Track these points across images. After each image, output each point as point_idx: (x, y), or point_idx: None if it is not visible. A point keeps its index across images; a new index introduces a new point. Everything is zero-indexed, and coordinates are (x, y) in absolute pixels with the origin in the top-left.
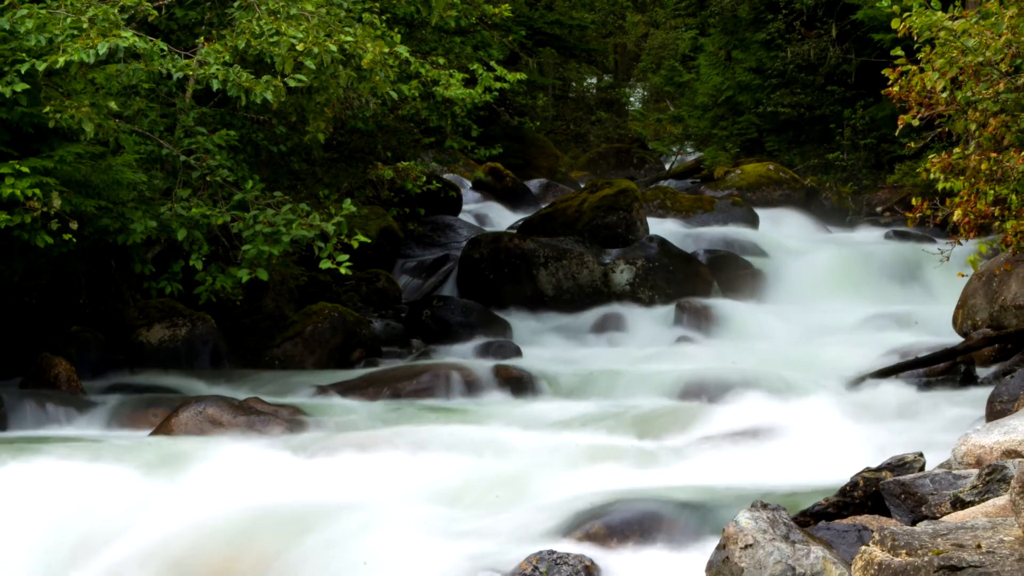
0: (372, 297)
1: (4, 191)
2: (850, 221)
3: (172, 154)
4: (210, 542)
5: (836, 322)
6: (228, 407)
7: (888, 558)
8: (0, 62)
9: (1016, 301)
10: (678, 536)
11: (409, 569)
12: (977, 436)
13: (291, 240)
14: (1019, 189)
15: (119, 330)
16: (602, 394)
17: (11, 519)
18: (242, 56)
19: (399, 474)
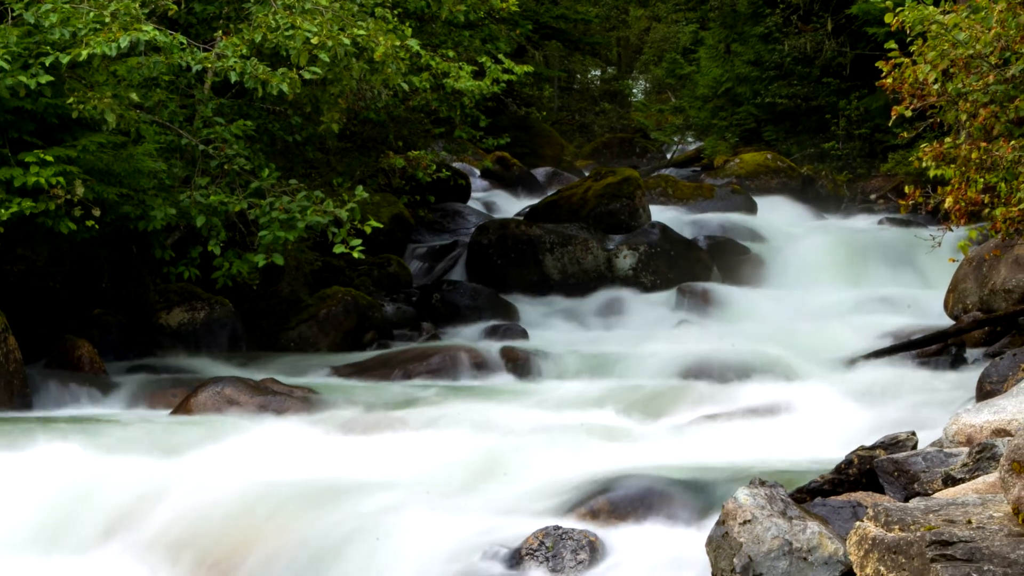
0: (384, 281)
1: (29, 179)
2: (845, 208)
3: (191, 143)
4: (228, 517)
5: (831, 305)
6: (245, 387)
7: (882, 533)
8: (25, 55)
9: (1005, 285)
10: (679, 512)
11: (420, 543)
12: (967, 416)
13: (306, 226)
14: (1008, 177)
15: (140, 313)
16: (606, 375)
17: (38, 494)
18: (259, 49)
19: (410, 452)
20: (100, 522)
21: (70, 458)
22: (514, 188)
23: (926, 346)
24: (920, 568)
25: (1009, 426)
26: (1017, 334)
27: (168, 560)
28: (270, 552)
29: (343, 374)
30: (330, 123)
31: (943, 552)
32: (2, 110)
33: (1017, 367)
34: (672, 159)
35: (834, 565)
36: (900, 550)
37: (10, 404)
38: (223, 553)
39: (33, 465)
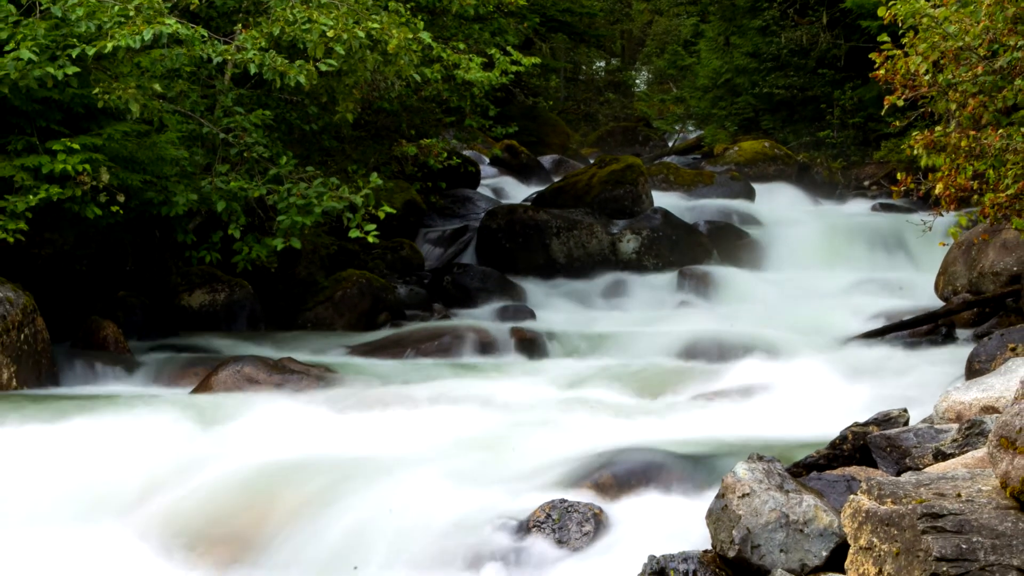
0: (397, 264)
1: (56, 166)
2: (840, 194)
3: (212, 132)
4: (247, 490)
5: (827, 288)
6: (264, 366)
7: (875, 506)
8: (53, 47)
9: (993, 268)
10: (680, 485)
11: (432, 516)
12: (957, 393)
13: (322, 211)
14: (996, 164)
15: (163, 295)
16: (609, 354)
17: (65, 468)
18: (277, 42)
19: (422, 428)
20: (123, 495)
21: (96, 434)
22: (522, 175)
23: (917, 327)
24: (912, 540)
25: (997, 403)
26: (1004, 315)
27: (188, 532)
28: (288, 524)
29: (358, 353)
30: (345, 112)
31: (934, 524)
32: (30, 100)
33: (1005, 347)
34: (673, 147)
35: (829, 537)
36: (893, 522)
37: (38, 382)
38: (243, 525)
39: (61, 440)
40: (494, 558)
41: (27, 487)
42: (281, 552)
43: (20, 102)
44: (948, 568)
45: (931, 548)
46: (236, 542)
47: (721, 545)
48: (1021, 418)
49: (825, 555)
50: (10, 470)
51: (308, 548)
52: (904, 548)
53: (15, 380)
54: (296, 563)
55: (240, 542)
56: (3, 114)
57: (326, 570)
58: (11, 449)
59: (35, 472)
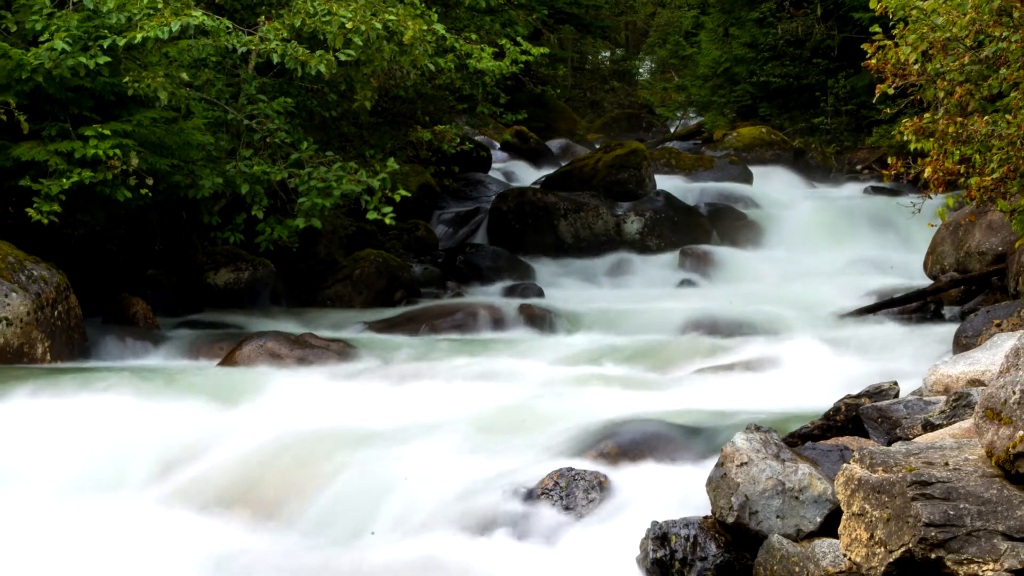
0: (412, 244)
1: (88, 151)
2: (833, 178)
3: (236, 119)
4: (270, 458)
5: (821, 267)
6: (286, 341)
7: (867, 474)
8: (85, 38)
9: (979, 248)
10: (681, 455)
11: (445, 483)
12: (945, 367)
13: (341, 194)
14: (982, 149)
15: (190, 273)
16: (614, 330)
17: (97, 438)
18: (298, 33)
19: (436, 399)
20: (154, 464)
21: (126, 405)
22: (531, 159)
23: (907, 304)
24: (902, 506)
25: (983, 376)
26: (990, 293)
27: (215, 499)
28: (308, 490)
29: (375, 329)
30: (363, 100)
31: (923, 492)
32: (64, 88)
33: (990, 323)
34: (675, 133)
35: (823, 503)
36: (884, 490)
37: (71, 356)
38: (266, 491)
39: (93, 411)
40: (504, 523)
41: (62, 455)
42: (302, 516)
43: (54, 90)
44: (936, 533)
45: (920, 514)
46: (260, 506)
47: (720, 511)
48: (1006, 391)
49: (819, 521)
50: (46, 439)
51: (327, 512)
52: (894, 514)
53: (49, 354)
54: (316, 526)
55: (264, 506)
56: (38, 102)
57: (344, 533)
58: (47, 419)
59: (70, 440)
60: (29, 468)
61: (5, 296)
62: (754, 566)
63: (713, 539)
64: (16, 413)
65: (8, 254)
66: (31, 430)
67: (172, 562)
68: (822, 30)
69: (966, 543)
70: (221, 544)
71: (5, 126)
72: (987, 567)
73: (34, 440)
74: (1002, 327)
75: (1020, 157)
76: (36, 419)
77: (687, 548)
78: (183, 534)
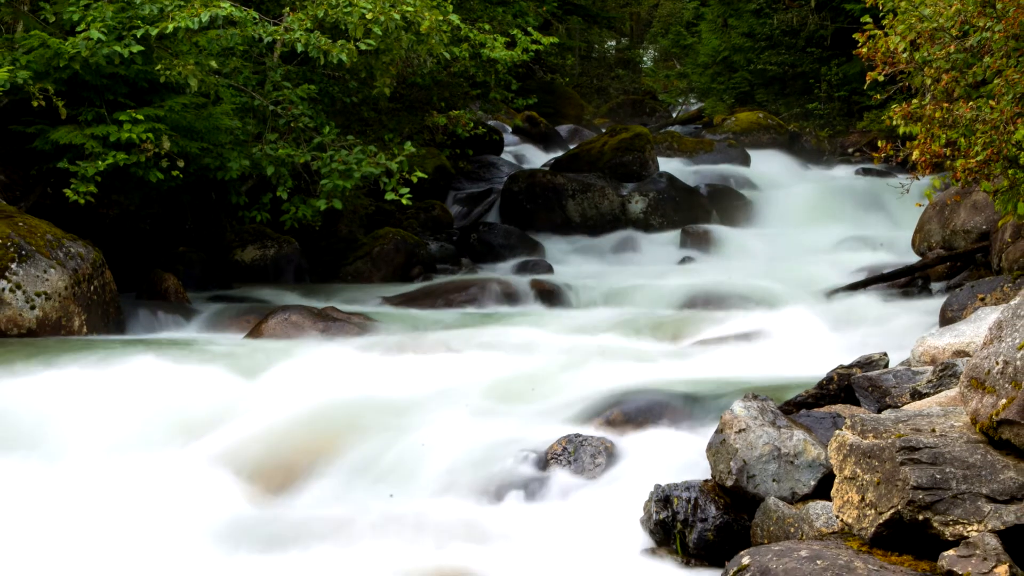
0: (429, 223)
1: (123, 135)
2: (826, 160)
3: (262, 104)
4: (294, 425)
5: (814, 244)
6: (309, 314)
7: (858, 440)
8: (119, 28)
9: (964, 226)
10: (682, 422)
11: (460, 449)
12: (932, 339)
13: (361, 176)
14: (966, 133)
15: (218, 250)
16: (619, 304)
17: (132, 405)
18: (321, 23)
19: (452, 369)
20: (186, 429)
21: (160, 374)
22: (541, 142)
23: (896, 279)
24: (891, 470)
25: (968, 348)
26: (974, 269)
27: (242, 462)
28: (330, 456)
29: (393, 303)
30: (382, 87)
31: (911, 457)
32: (100, 75)
33: (974, 297)
34: (677, 118)
35: (817, 468)
36: (874, 455)
37: (106, 329)
38: (291, 456)
39: (128, 380)
40: (517, 486)
41: (102, 419)
42: (324, 478)
43: (90, 77)
44: (924, 496)
45: (908, 478)
46: (285, 469)
47: (720, 475)
48: (989, 361)
49: (813, 484)
50: (86, 405)
51: (349, 476)
52: (884, 478)
53: (86, 327)
54: (338, 489)
55: (288, 469)
56: (75, 88)
57: (364, 496)
58: (87, 387)
59: (108, 406)
60: (72, 431)
61: (44, 272)
62: (751, 527)
63: (713, 501)
64: (58, 381)
65: (47, 232)
66: (72, 396)
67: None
68: (816, 20)
69: (952, 505)
70: (247, 503)
71: (44, 111)
72: (971, 528)
73: (75, 405)
74: (985, 301)
75: (1003, 140)
76: (77, 387)
77: (688, 510)
78: (212, 491)
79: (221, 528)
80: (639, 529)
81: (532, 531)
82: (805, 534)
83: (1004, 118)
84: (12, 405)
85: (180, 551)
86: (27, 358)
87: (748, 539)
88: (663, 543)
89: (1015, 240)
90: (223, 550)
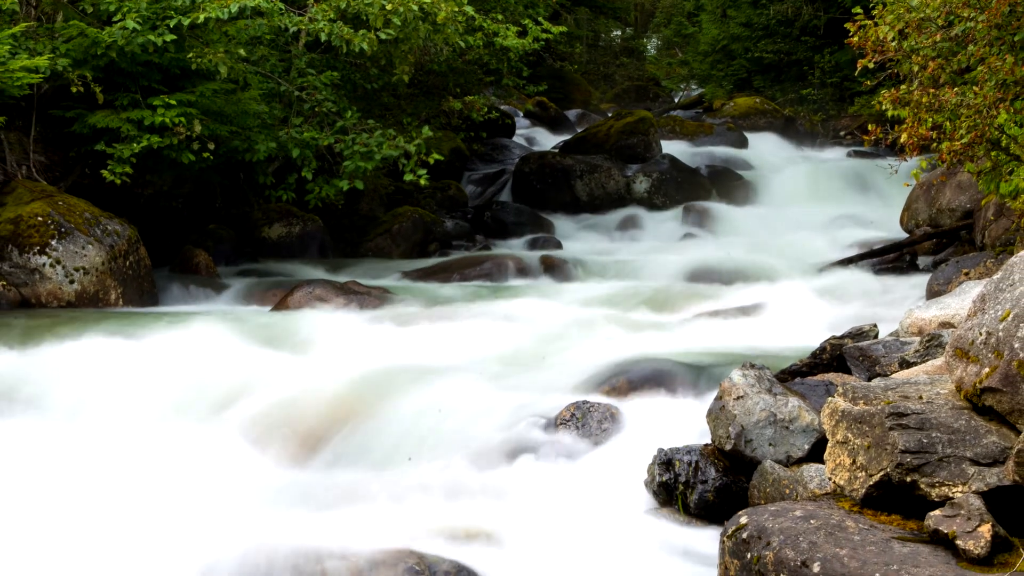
0: (445, 202)
1: (156, 119)
2: (819, 143)
3: (288, 90)
4: (318, 392)
5: (808, 222)
6: (332, 288)
7: (849, 406)
8: (153, 18)
9: (949, 205)
10: (684, 389)
11: (475, 415)
12: (919, 311)
13: (381, 158)
14: (951, 117)
15: (246, 228)
16: (625, 278)
17: (166, 374)
18: (343, 14)
19: (466, 340)
20: (215, 396)
21: (191, 345)
22: (550, 126)
23: (885, 255)
24: (880, 435)
25: (953, 319)
26: (959, 245)
27: (268, 427)
28: (353, 421)
29: (411, 277)
30: (401, 74)
31: (899, 422)
32: (135, 63)
33: (959, 272)
34: (679, 103)
35: (810, 432)
36: (864, 420)
37: (141, 301)
38: (315, 421)
39: (162, 350)
40: (528, 450)
41: (134, 388)
42: (348, 444)
43: (126, 65)
44: (911, 459)
45: (897, 442)
46: (310, 433)
47: (719, 440)
48: (973, 332)
49: (807, 448)
50: (124, 373)
51: (370, 441)
52: (874, 442)
53: (122, 300)
54: (360, 453)
55: (313, 434)
56: (111, 75)
57: (384, 459)
58: (123, 356)
59: (140, 376)
60: (110, 396)
61: (82, 248)
62: (749, 488)
63: (713, 464)
64: (97, 350)
65: (85, 210)
66: (110, 364)
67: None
68: (809, 11)
69: (938, 468)
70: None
71: (82, 97)
72: (956, 489)
73: (113, 373)
74: (969, 276)
75: (986, 124)
76: (114, 356)
77: (689, 472)
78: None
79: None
80: (643, 490)
81: (543, 492)
82: (799, 495)
83: (987, 103)
84: (54, 373)
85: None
86: (67, 328)
87: (746, 500)
88: (666, 503)
89: (997, 218)
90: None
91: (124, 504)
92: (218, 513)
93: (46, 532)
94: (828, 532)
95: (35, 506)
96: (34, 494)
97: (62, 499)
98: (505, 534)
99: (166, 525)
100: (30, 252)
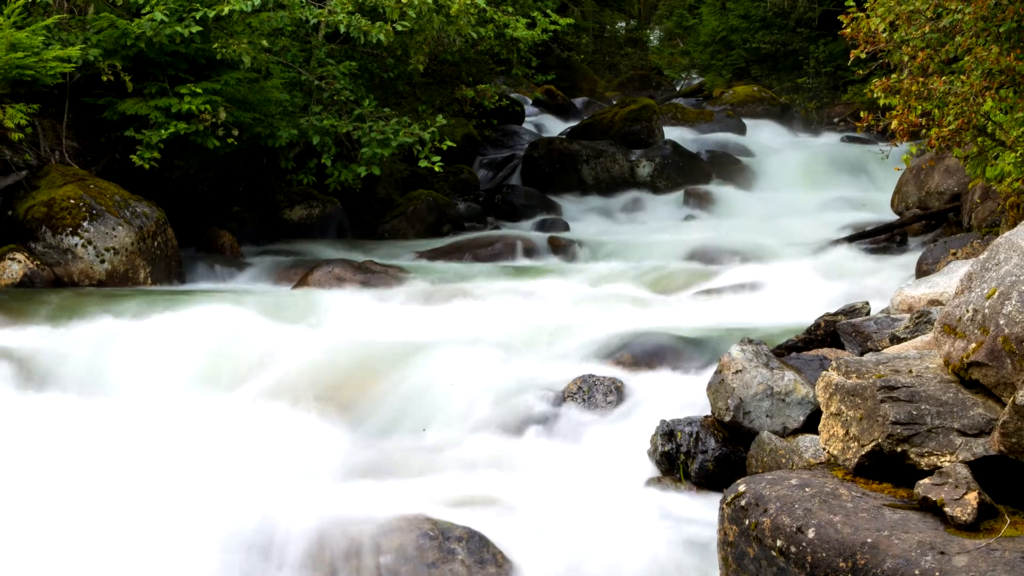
0: (458, 185)
1: (183, 106)
2: (814, 129)
3: (308, 79)
4: (337, 366)
5: (804, 204)
6: (350, 267)
7: (842, 380)
8: (180, 10)
9: (938, 188)
10: (685, 363)
11: (485, 388)
12: (909, 289)
13: (397, 144)
14: (940, 105)
15: (269, 210)
16: (628, 258)
17: (193, 348)
18: (361, 6)
19: (478, 316)
20: (240, 369)
21: (216, 321)
22: (558, 113)
23: (877, 235)
24: (872, 407)
25: (941, 297)
26: (947, 226)
27: (292, 399)
28: (370, 394)
29: (426, 257)
30: (416, 64)
31: (890, 395)
32: (162, 53)
33: (947, 252)
34: (680, 91)
35: (805, 405)
36: (857, 393)
37: (169, 280)
38: (338, 391)
39: (189, 326)
40: (536, 421)
41: (163, 362)
42: (365, 414)
43: (154, 55)
44: (901, 430)
45: (888, 414)
46: (330, 406)
47: (719, 412)
48: (960, 309)
49: (802, 420)
50: (154, 347)
51: (387, 412)
52: (866, 414)
53: (150, 278)
54: (378, 423)
55: (333, 406)
56: (140, 64)
57: (400, 430)
58: (154, 331)
59: (174, 348)
60: (142, 369)
61: (112, 229)
62: (747, 458)
63: (712, 435)
64: (128, 325)
65: (115, 193)
66: (142, 339)
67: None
68: (805, 3)
69: (927, 438)
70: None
71: (112, 85)
72: (944, 459)
73: (144, 347)
74: (957, 255)
75: (972, 111)
76: (145, 331)
77: (690, 443)
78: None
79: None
80: (646, 459)
81: (550, 462)
82: (795, 464)
83: (974, 91)
84: (89, 348)
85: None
86: (99, 306)
87: (744, 469)
88: (668, 472)
89: (983, 201)
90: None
91: (154, 470)
92: (240, 479)
93: (89, 499)
94: (822, 500)
95: (79, 475)
96: (78, 462)
97: (104, 465)
98: (514, 502)
99: (194, 489)
100: (63, 233)
